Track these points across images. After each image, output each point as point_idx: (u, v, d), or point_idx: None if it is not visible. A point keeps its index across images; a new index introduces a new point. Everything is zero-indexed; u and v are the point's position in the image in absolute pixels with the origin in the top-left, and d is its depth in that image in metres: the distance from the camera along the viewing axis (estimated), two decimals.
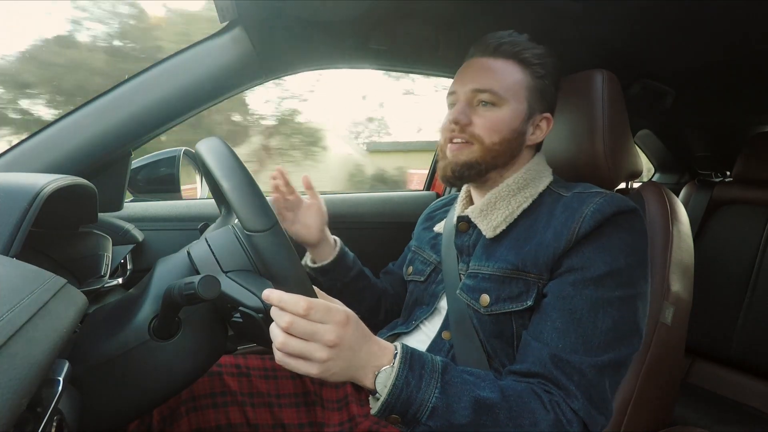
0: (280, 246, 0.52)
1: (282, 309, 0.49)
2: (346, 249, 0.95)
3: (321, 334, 0.49)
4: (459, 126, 0.74)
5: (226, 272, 0.57)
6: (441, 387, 0.55)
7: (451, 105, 0.78)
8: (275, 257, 0.52)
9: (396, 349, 0.56)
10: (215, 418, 0.77)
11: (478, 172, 0.75)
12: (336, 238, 0.95)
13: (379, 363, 0.54)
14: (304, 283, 0.53)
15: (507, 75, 0.74)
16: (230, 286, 0.55)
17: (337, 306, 0.53)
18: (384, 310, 0.98)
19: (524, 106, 0.75)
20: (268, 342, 0.51)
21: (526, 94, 0.75)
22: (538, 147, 0.82)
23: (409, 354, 0.56)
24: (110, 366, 0.54)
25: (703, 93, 1.33)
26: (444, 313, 0.79)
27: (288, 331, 0.49)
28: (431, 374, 0.55)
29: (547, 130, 0.79)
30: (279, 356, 0.50)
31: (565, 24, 0.95)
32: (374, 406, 0.54)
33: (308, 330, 0.49)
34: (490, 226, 0.74)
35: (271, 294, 0.49)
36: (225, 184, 0.53)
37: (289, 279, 0.52)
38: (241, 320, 0.56)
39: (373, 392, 0.55)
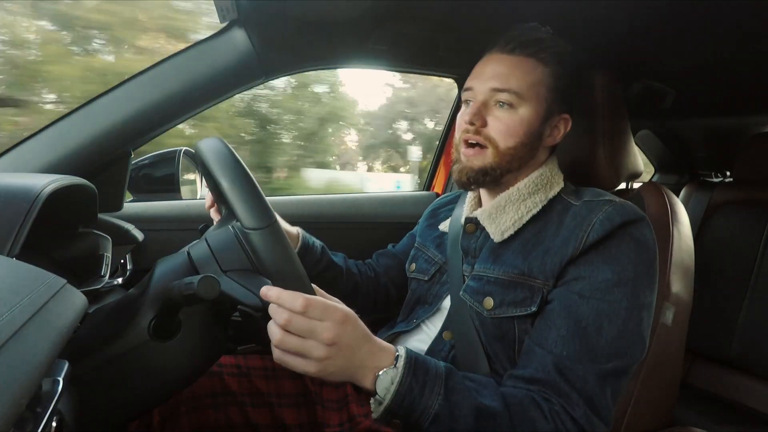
0: (277, 243, 0.52)
1: (280, 306, 0.49)
2: (312, 240, 0.89)
3: (319, 332, 0.49)
4: (474, 127, 0.72)
5: (225, 271, 0.57)
6: (444, 394, 0.54)
7: (467, 102, 0.76)
8: (273, 254, 0.52)
9: (397, 351, 0.56)
10: (215, 418, 0.76)
11: (494, 178, 0.73)
12: (299, 229, 0.88)
13: (379, 364, 0.54)
14: (302, 280, 0.53)
15: (526, 74, 0.72)
16: (229, 285, 0.55)
17: (336, 304, 0.52)
18: (361, 297, 0.94)
19: (543, 107, 0.73)
20: (266, 341, 0.51)
21: (546, 94, 0.73)
22: (553, 148, 0.80)
23: (413, 359, 0.55)
24: (110, 366, 0.54)
25: (703, 93, 1.33)
26: (446, 313, 0.78)
27: (286, 328, 0.49)
28: (435, 380, 0.55)
29: (564, 131, 0.76)
30: (277, 354, 0.50)
31: (566, 24, 0.95)
32: (376, 411, 0.54)
33: (306, 327, 0.49)
34: (498, 230, 0.74)
35: (269, 291, 0.49)
36: (224, 183, 0.53)
37: (287, 276, 0.52)
38: (240, 319, 0.56)
39: (373, 393, 0.54)
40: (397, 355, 0.55)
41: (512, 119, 0.71)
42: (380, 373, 0.53)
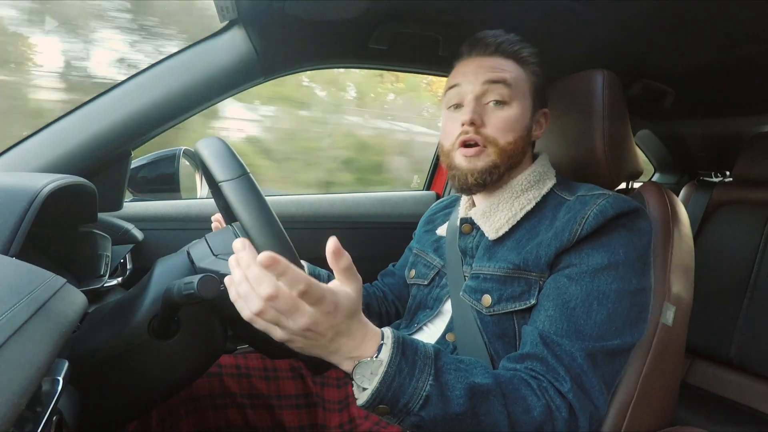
0: (250, 192, 0.50)
1: (280, 276, 0.43)
2: (317, 271, 0.88)
3: (298, 317, 0.45)
4: (474, 127, 0.71)
5: (216, 255, 0.58)
6: (434, 374, 0.52)
7: (455, 104, 0.75)
8: (245, 203, 0.49)
9: (382, 339, 0.51)
10: (215, 420, 0.76)
11: (499, 176, 0.73)
12: (304, 262, 0.85)
13: (358, 354, 0.49)
14: (277, 232, 0.50)
15: (512, 72, 0.74)
16: (220, 264, 0.56)
17: (331, 293, 0.47)
18: (374, 318, 0.92)
19: (529, 103, 0.75)
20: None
21: (530, 90, 0.75)
22: (533, 145, 0.81)
23: (401, 339, 0.52)
24: (110, 366, 0.54)
25: (702, 93, 1.33)
26: (448, 315, 0.77)
27: (269, 300, 0.43)
28: (424, 360, 0.52)
29: (545, 126, 0.79)
30: (246, 314, 0.46)
31: (565, 24, 0.95)
32: (361, 397, 0.50)
33: (289, 308, 0.44)
34: (492, 227, 0.74)
35: (267, 255, 0.42)
36: (204, 152, 0.54)
37: (262, 226, 0.49)
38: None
39: (351, 377, 0.50)
40: (381, 344, 0.50)
41: (507, 115, 0.72)
42: (359, 362, 0.49)
